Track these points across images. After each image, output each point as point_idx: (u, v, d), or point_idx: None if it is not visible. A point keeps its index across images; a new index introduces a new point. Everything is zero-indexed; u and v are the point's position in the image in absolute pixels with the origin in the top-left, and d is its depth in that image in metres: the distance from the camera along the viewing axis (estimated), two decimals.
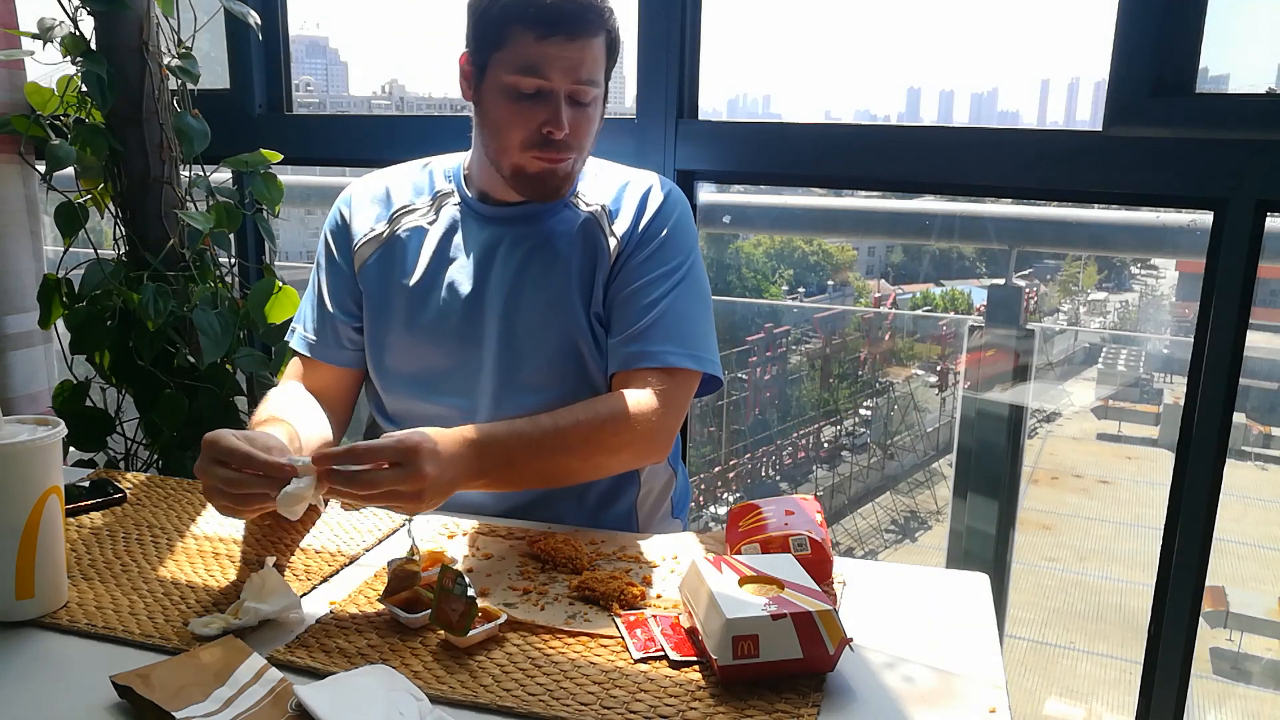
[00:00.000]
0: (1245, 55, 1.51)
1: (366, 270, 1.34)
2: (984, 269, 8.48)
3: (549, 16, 1.18)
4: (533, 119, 1.21)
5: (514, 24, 1.19)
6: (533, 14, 1.18)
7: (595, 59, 1.21)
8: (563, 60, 1.19)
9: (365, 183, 1.40)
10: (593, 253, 1.28)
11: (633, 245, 1.28)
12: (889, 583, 1.05)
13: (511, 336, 1.27)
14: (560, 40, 1.18)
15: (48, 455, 0.93)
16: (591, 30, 1.19)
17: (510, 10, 1.19)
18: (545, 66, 1.18)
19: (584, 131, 1.24)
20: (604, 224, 1.29)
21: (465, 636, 0.89)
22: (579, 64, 1.19)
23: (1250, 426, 7.03)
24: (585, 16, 1.19)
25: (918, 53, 52.38)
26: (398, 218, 1.35)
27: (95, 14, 1.66)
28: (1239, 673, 5.88)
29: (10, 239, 1.80)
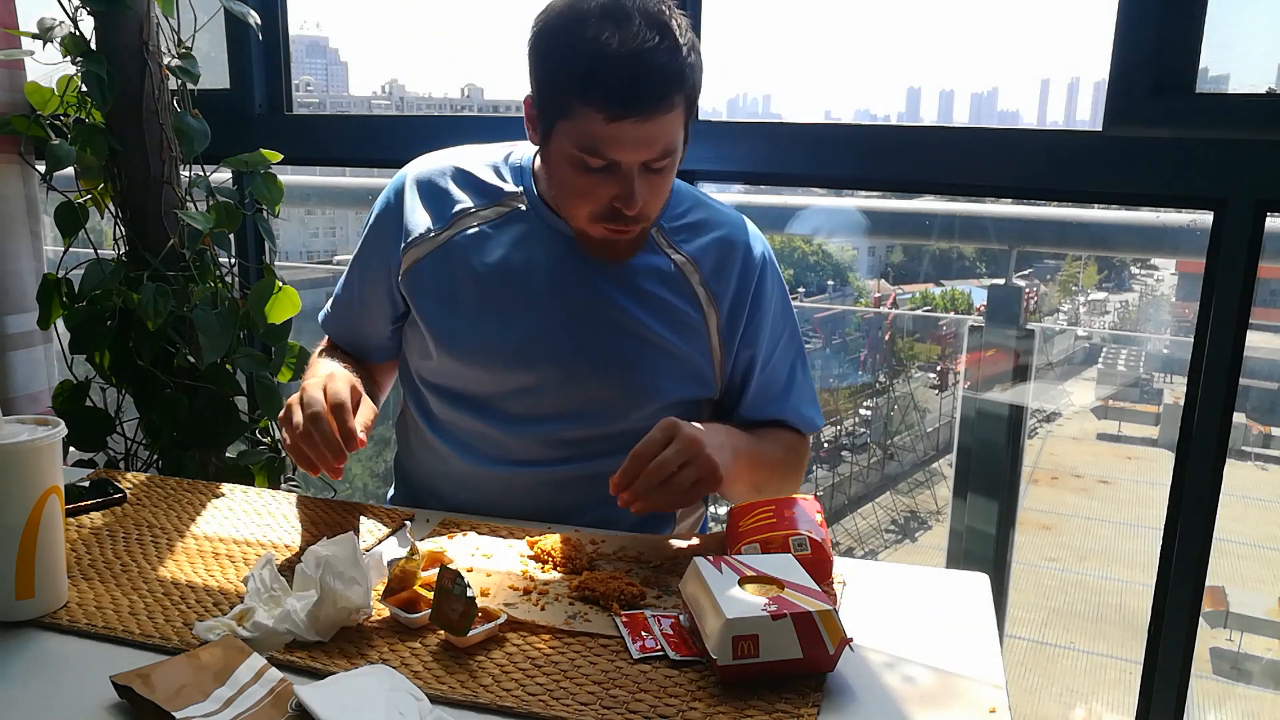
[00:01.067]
0: (1245, 55, 1.51)
1: (417, 274, 1.25)
2: (984, 269, 8.48)
3: (620, 98, 1.05)
4: (601, 193, 1.11)
5: (578, 101, 1.06)
6: (600, 95, 1.05)
7: (671, 131, 1.09)
8: (636, 140, 1.07)
9: (430, 167, 1.29)
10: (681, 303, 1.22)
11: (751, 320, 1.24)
12: (889, 583, 1.05)
13: (576, 365, 1.21)
14: (633, 123, 1.06)
15: (48, 455, 0.93)
16: (666, 104, 1.06)
17: (575, 86, 1.06)
18: (614, 149, 1.07)
19: (658, 199, 1.15)
20: (694, 281, 1.22)
21: (465, 636, 0.89)
22: (654, 141, 1.08)
23: (1250, 426, 7.03)
24: (664, 92, 1.06)
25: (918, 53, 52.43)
26: (457, 220, 1.25)
27: (95, 14, 1.66)
28: (1239, 673, 5.88)
29: (10, 239, 1.80)
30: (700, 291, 1.23)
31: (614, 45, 1.04)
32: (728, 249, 1.24)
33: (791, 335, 1.31)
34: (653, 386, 1.22)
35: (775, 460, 1.26)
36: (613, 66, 1.04)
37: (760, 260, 1.26)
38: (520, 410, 1.24)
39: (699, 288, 1.23)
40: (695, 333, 1.23)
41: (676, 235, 1.24)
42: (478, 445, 1.26)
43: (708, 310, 1.23)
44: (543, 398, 1.23)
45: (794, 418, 1.30)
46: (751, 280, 1.24)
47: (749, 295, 1.24)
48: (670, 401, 1.24)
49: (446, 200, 1.26)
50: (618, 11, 1.05)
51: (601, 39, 1.04)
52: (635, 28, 1.04)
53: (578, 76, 1.06)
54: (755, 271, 1.25)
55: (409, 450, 1.37)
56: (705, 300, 1.23)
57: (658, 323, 1.21)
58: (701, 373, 1.25)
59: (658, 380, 1.22)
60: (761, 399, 1.28)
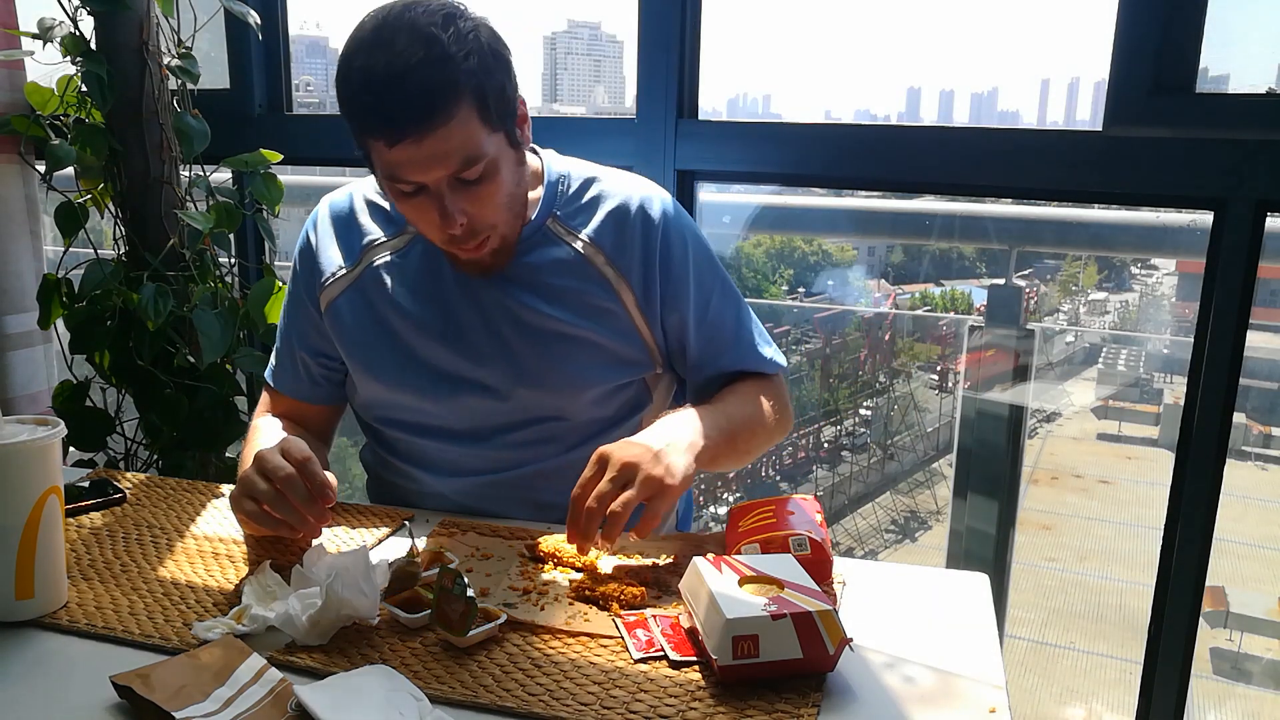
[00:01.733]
0: (1245, 55, 1.51)
1: (336, 312, 1.26)
2: (984, 269, 8.47)
3: (389, 124, 1.04)
4: (427, 217, 1.11)
5: (363, 134, 1.07)
6: (371, 123, 1.06)
7: (461, 139, 1.06)
8: (424, 159, 1.06)
9: (335, 204, 1.30)
10: (592, 291, 1.21)
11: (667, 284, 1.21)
12: (889, 583, 1.05)
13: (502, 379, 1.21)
14: (410, 144, 1.04)
15: (47, 455, 0.93)
16: (441, 119, 1.03)
17: (354, 119, 1.08)
18: (408, 171, 1.07)
19: (487, 211, 1.11)
20: (599, 264, 1.21)
21: (465, 636, 0.89)
22: (445, 155, 1.06)
23: (1250, 426, 7.02)
24: (430, 106, 1.03)
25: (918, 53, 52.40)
26: (367, 252, 1.25)
27: (95, 14, 1.66)
28: (1239, 673, 5.88)
29: (10, 239, 1.80)
30: (608, 272, 1.21)
31: (377, 71, 1.03)
32: (623, 220, 1.22)
33: (723, 287, 1.28)
34: (583, 380, 1.21)
35: (748, 418, 1.22)
36: (377, 93, 1.04)
37: (661, 220, 1.22)
38: (464, 427, 1.24)
39: (605, 269, 1.21)
40: (613, 315, 1.21)
41: (573, 221, 1.22)
42: (437, 463, 1.26)
43: (620, 289, 1.21)
44: (479, 413, 1.23)
45: (751, 364, 1.28)
46: (655, 243, 1.21)
47: (656, 259, 1.21)
48: (607, 387, 1.23)
49: (356, 234, 1.27)
50: (385, 34, 1.04)
51: (366, 68, 1.04)
52: (398, 47, 1.03)
53: (354, 111, 1.07)
54: (657, 233, 1.22)
55: (379, 480, 1.36)
56: (615, 280, 1.21)
57: (573, 315, 1.20)
58: (628, 354, 1.23)
59: (586, 373, 1.21)
60: (710, 355, 1.26)
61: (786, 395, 1.31)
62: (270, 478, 1.01)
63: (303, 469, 1.02)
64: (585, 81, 18.07)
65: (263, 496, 1.01)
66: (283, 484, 1.01)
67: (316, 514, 1.02)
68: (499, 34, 1.11)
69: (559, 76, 17.86)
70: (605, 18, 18.20)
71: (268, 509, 1.02)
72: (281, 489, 1.01)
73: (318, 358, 1.30)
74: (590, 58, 17.86)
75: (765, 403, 1.25)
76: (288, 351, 1.33)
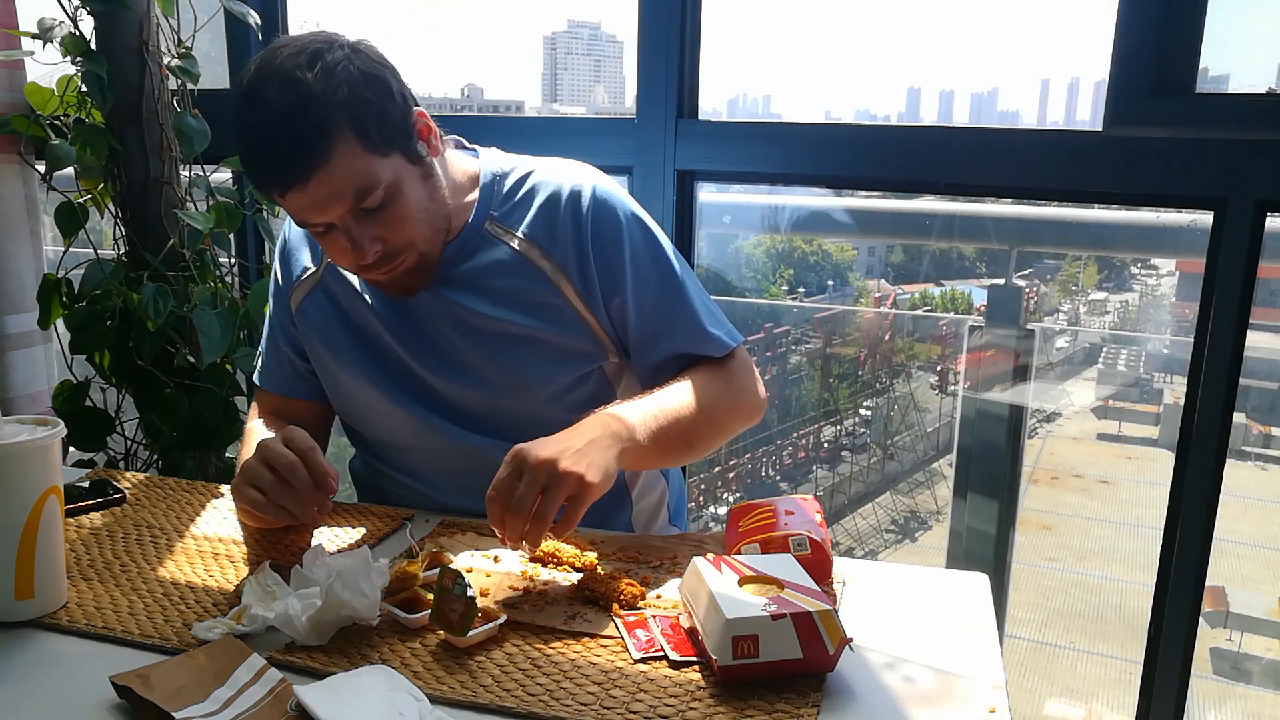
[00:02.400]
0: (1245, 55, 1.51)
1: (304, 313, 1.27)
2: (984, 269, 8.47)
3: (271, 179, 1.06)
4: (338, 249, 1.11)
5: (258, 189, 1.10)
6: (259, 180, 1.08)
7: (348, 174, 1.05)
8: (317, 202, 1.06)
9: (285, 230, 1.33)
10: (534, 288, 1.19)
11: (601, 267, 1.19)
12: (889, 583, 1.05)
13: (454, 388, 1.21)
14: (297, 193, 1.05)
15: (47, 455, 0.93)
16: (319, 161, 1.03)
17: (249, 178, 1.10)
18: (308, 215, 1.08)
19: (399, 230, 1.10)
20: (536, 258, 1.19)
21: (465, 636, 0.89)
22: (335, 194, 1.05)
23: (1250, 426, 7.02)
24: (303, 155, 1.03)
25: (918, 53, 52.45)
26: (297, 285, 1.28)
27: (95, 14, 1.66)
28: (1239, 673, 5.88)
29: (10, 239, 1.80)
30: (544, 266, 1.19)
31: (252, 129, 1.05)
32: (553, 209, 1.19)
33: (663, 267, 1.22)
34: (535, 378, 1.20)
35: (688, 406, 1.15)
36: (257, 150, 1.06)
37: (590, 204, 1.19)
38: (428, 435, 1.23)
39: (542, 262, 1.19)
40: (557, 309, 1.19)
41: (509, 219, 1.21)
42: (411, 464, 1.27)
43: (559, 282, 1.18)
44: (438, 423, 1.22)
45: (694, 344, 1.22)
46: (585, 228, 1.19)
47: (589, 245, 1.18)
48: (561, 384, 1.21)
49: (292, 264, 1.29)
50: (257, 85, 1.04)
51: (244, 127, 1.05)
52: (268, 99, 1.03)
53: (246, 169, 1.09)
54: (586, 219, 1.19)
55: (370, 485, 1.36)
56: (553, 273, 1.18)
57: (518, 314, 1.18)
58: (578, 346, 1.21)
59: (537, 370, 1.19)
60: (651, 337, 1.22)
61: (746, 375, 1.24)
62: (273, 465, 1.02)
63: (306, 458, 1.03)
64: (585, 81, 18.08)
65: (266, 485, 1.02)
66: (286, 471, 1.01)
67: (319, 503, 1.03)
68: (376, 54, 1.10)
69: (559, 76, 17.87)
70: (605, 18, 18.20)
71: (271, 497, 1.02)
72: (285, 477, 1.02)
73: (300, 353, 1.31)
74: (590, 58, 17.87)
75: (712, 387, 1.19)
76: (273, 349, 1.34)
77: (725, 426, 1.22)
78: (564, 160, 1.26)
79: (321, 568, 0.92)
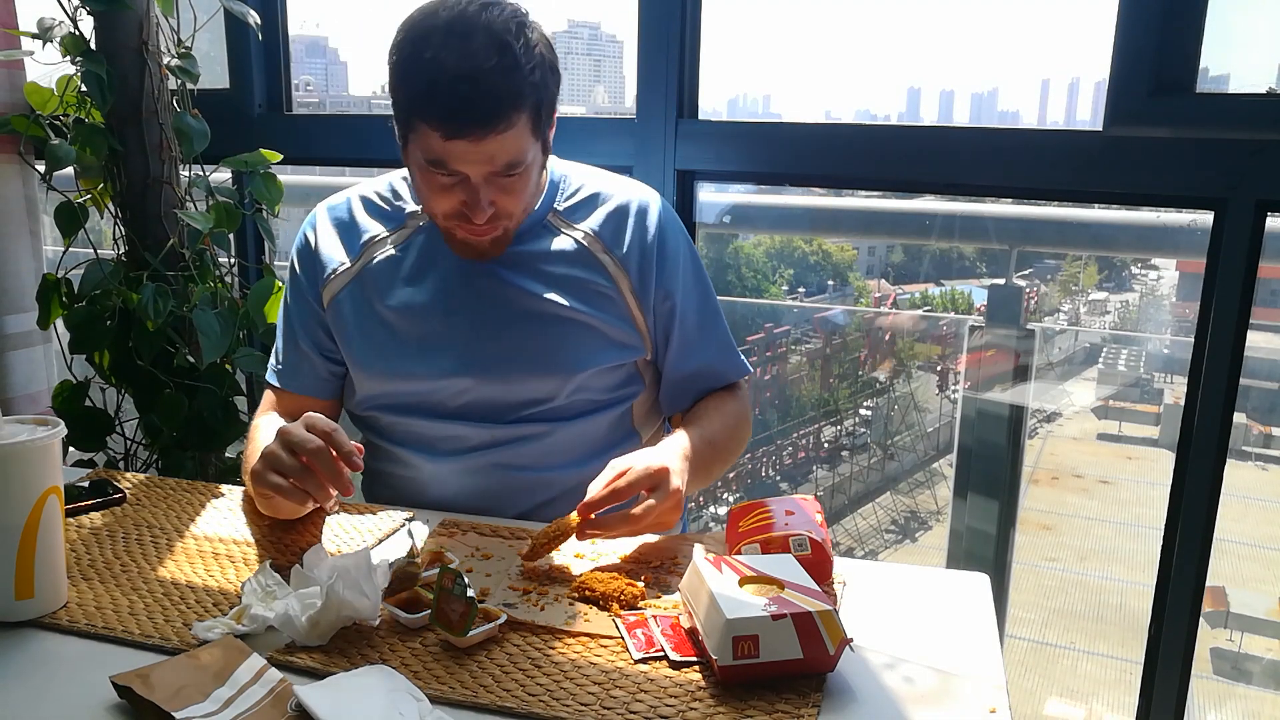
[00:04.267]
0: (1245, 55, 1.51)
1: (338, 307, 1.29)
2: (984, 269, 8.47)
3: (453, 120, 1.08)
4: (451, 197, 1.15)
5: (418, 119, 1.11)
6: (433, 113, 1.09)
7: (513, 145, 1.11)
8: (475, 157, 1.11)
9: (332, 206, 1.34)
10: (593, 275, 1.26)
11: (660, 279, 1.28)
12: (889, 583, 1.05)
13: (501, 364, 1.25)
14: (467, 142, 1.09)
15: (47, 455, 0.93)
16: (503, 124, 1.09)
17: (414, 104, 1.11)
18: (455, 163, 1.12)
19: (513, 201, 1.17)
20: (597, 251, 1.27)
21: (465, 636, 0.89)
22: (494, 156, 1.11)
23: (1250, 426, 7.02)
24: (495, 113, 1.08)
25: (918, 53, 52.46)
26: (368, 248, 1.29)
27: (95, 14, 1.66)
28: (1239, 673, 5.87)
29: (10, 239, 1.80)
30: (606, 259, 1.27)
31: (449, 66, 1.07)
32: (623, 214, 1.29)
33: (708, 290, 1.35)
34: (579, 361, 1.25)
35: (724, 437, 1.29)
36: (445, 88, 1.07)
37: (658, 216, 1.30)
38: (458, 405, 1.27)
39: (603, 255, 1.27)
40: (611, 301, 1.27)
41: (571, 215, 1.29)
42: (430, 441, 1.28)
43: (618, 276, 1.27)
44: (474, 393, 1.26)
45: (724, 362, 1.35)
46: (650, 234, 1.28)
47: (654, 249, 1.28)
48: (601, 368, 1.27)
49: (355, 231, 1.31)
50: (461, 29, 1.08)
51: (438, 59, 1.07)
52: (474, 46, 1.07)
53: (416, 96, 1.10)
54: (654, 226, 1.29)
55: (372, 474, 1.37)
56: (613, 266, 1.27)
57: (572, 298, 1.25)
58: (624, 337, 1.28)
59: (582, 354, 1.26)
60: (694, 348, 1.32)
61: (749, 406, 1.39)
62: (297, 451, 1.04)
63: (330, 439, 1.04)
64: (585, 81, 18.08)
65: (289, 469, 1.04)
66: (312, 456, 1.03)
67: (344, 486, 1.05)
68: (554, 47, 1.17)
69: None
70: (605, 18, 18.17)
71: (294, 483, 1.04)
72: (310, 461, 1.03)
73: (324, 353, 1.33)
74: (590, 58, 17.86)
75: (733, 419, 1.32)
76: (292, 349, 1.34)
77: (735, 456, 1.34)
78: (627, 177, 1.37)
79: (323, 568, 0.92)
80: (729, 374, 1.36)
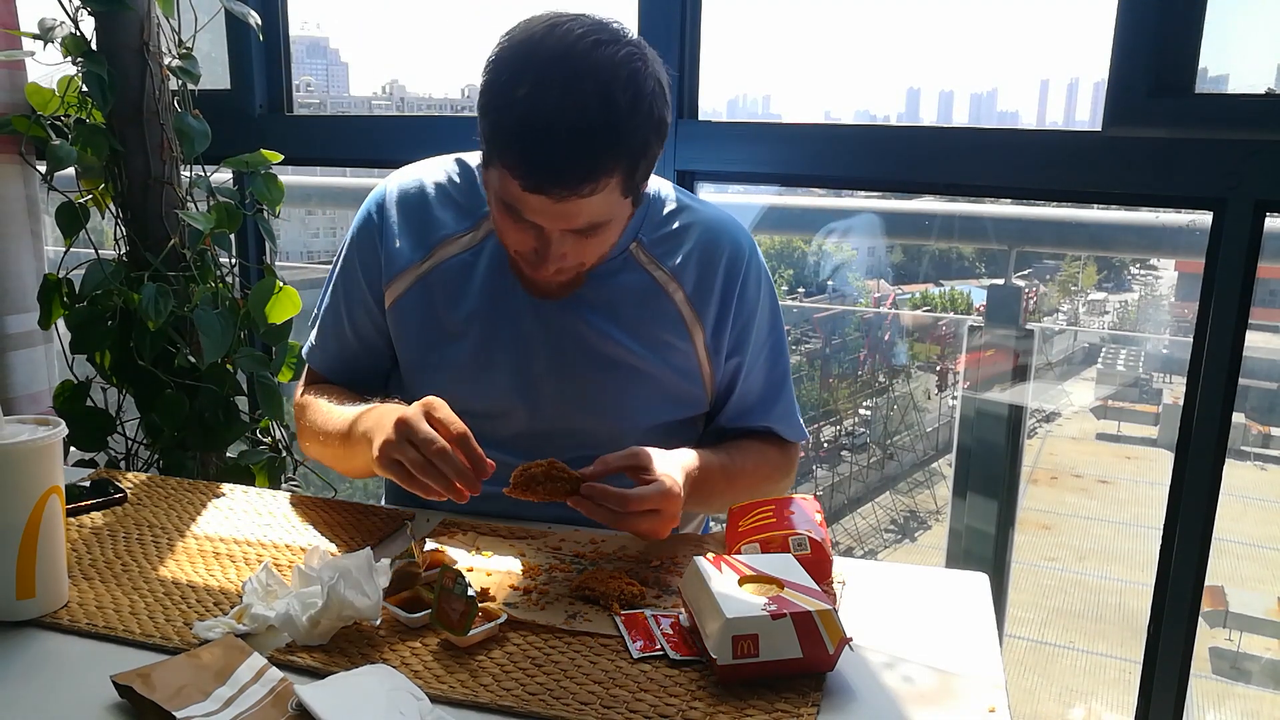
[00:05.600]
0: (1245, 55, 1.51)
1: (400, 309, 1.21)
2: (983, 269, 8.48)
3: (532, 173, 0.97)
4: (524, 239, 1.05)
5: (497, 158, 1.00)
6: (514, 160, 0.97)
7: (599, 207, 1.01)
8: (552, 212, 1.00)
9: (404, 187, 1.22)
10: (665, 324, 1.18)
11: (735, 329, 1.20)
12: (889, 583, 1.06)
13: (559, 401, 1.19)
14: (547, 199, 0.98)
15: (48, 455, 0.93)
16: (589, 189, 0.98)
17: (496, 141, 0.99)
18: (531, 214, 1.01)
19: (589, 254, 1.08)
20: (677, 300, 1.18)
21: (465, 636, 0.89)
22: (574, 216, 1.01)
23: (1250, 426, 7.03)
24: (584, 177, 0.97)
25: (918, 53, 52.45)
26: (438, 248, 1.20)
27: (96, 14, 1.66)
28: (1238, 672, 5.88)
29: (11, 239, 1.80)
30: (684, 310, 1.19)
31: (542, 113, 0.95)
32: (711, 257, 1.19)
33: (779, 341, 1.27)
34: (641, 412, 1.20)
35: (747, 478, 1.22)
36: (532, 139, 0.96)
37: (745, 264, 1.21)
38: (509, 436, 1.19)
39: (682, 306, 1.19)
40: (680, 353, 1.20)
41: (657, 249, 1.19)
42: None
43: (693, 328, 1.19)
44: (531, 429, 1.20)
45: (783, 427, 1.27)
46: (735, 286, 1.20)
47: (733, 301, 1.20)
48: (664, 423, 1.22)
49: (427, 224, 1.20)
50: (565, 70, 0.96)
51: (532, 102, 0.95)
52: (572, 94, 0.95)
53: (500, 133, 0.99)
54: (739, 277, 1.20)
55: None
56: (690, 319, 1.19)
57: (642, 346, 1.18)
58: (688, 392, 1.22)
59: (646, 405, 1.20)
60: (751, 407, 1.26)
61: (793, 470, 1.32)
62: (421, 448, 0.97)
63: (460, 444, 0.98)
64: None
65: (413, 465, 0.98)
66: (436, 456, 0.97)
67: (471, 487, 0.99)
68: (665, 85, 1.04)
69: None
70: None
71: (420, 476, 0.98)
72: (434, 460, 0.97)
73: (365, 344, 1.26)
74: None
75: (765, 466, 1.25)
76: (333, 330, 1.27)
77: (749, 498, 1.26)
78: (717, 207, 1.26)
79: (324, 567, 0.92)
80: (785, 436, 1.29)
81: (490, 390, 1.20)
